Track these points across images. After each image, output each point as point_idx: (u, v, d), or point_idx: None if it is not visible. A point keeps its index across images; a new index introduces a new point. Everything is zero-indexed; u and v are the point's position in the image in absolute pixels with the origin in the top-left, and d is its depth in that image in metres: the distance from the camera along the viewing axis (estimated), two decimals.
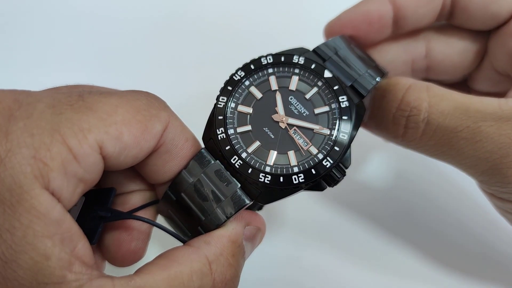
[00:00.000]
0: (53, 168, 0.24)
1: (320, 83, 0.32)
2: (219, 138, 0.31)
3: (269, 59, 0.33)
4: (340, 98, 0.32)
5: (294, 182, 0.30)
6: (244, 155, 0.31)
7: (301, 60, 0.33)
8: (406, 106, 0.32)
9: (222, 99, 0.32)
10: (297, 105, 0.32)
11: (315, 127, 0.31)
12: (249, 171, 0.30)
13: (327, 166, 0.30)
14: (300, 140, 0.31)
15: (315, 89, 0.32)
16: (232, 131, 0.32)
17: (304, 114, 0.32)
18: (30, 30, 0.56)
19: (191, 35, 0.56)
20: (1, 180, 0.23)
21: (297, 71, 0.33)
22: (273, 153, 0.31)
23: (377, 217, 0.45)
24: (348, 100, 0.32)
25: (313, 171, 0.30)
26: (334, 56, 0.33)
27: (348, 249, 0.43)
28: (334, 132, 0.31)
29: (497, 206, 0.35)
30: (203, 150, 0.32)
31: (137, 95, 0.29)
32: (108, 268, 0.33)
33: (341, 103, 0.32)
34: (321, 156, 0.31)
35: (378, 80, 0.33)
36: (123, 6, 0.58)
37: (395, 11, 0.37)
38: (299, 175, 0.30)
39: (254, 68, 0.33)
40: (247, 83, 0.33)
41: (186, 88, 0.49)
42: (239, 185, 0.31)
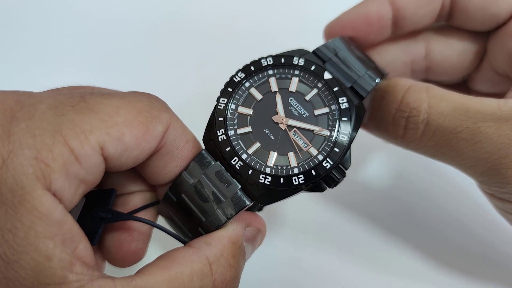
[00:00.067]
0: (55, 169, 0.24)
1: (320, 85, 0.33)
2: (220, 140, 0.31)
3: (269, 60, 0.33)
4: (340, 100, 0.32)
5: (294, 183, 0.30)
6: (244, 156, 0.31)
7: (301, 62, 0.33)
8: (405, 107, 0.32)
9: (223, 100, 0.32)
10: (297, 106, 0.32)
11: (315, 128, 0.32)
12: (250, 172, 0.30)
13: (327, 167, 0.30)
14: (300, 141, 0.31)
15: (315, 91, 0.32)
16: (232, 132, 0.32)
17: (304, 116, 0.32)
18: (30, 30, 0.56)
19: (192, 35, 0.56)
20: (3, 181, 0.23)
21: (297, 72, 0.33)
22: (273, 154, 0.31)
23: (377, 217, 0.45)
24: (348, 101, 0.32)
25: (313, 172, 0.30)
26: (334, 58, 0.33)
27: (349, 250, 0.43)
28: (334, 134, 0.31)
29: (497, 207, 0.35)
30: (203, 151, 0.32)
31: (138, 97, 0.29)
32: (109, 268, 0.33)
33: (341, 104, 0.32)
34: (321, 157, 0.31)
35: (377, 81, 0.33)
36: (124, 7, 0.58)
37: (394, 12, 0.37)
38: (299, 176, 0.30)
39: (254, 70, 0.33)
40: (247, 84, 0.33)
41: (187, 88, 0.49)
42: (240, 186, 0.31)
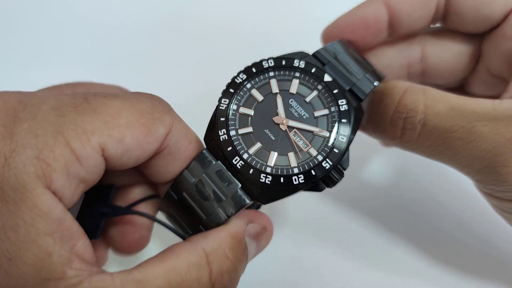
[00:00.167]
0: (56, 169, 0.24)
1: (320, 87, 0.33)
2: (221, 139, 0.32)
3: (271, 62, 0.33)
4: (339, 102, 0.32)
5: (294, 182, 0.31)
6: (245, 156, 0.31)
7: (302, 64, 0.33)
8: (403, 109, 0.33)
9: (224, 101, 0.33)
10: (297, 108, 0.33)
11: (315, 129, 0.32)
12: (250, 172, 0.31)
13: (327, 167, 0.31)
14: (300, 142, 0.32)
15: (315, 93, 0.33)
16: (233, 132, 0.32)
17: (304, 117, 0.32)
18: (30, 30, 0.56)
19: (193, 36, 0.57)
20: (5, 179, 0.24)
21: (297, 74, 0.33)
22: (273, 154, 0.32)
23: (378, 216, 0.45)
24: (347, 103, 0.32)
25: (313, 172, 0.31)
26: (333, 61, 0.34)
27: (349, 248, 0.43)
28: (333, 135, 0.32)
29: (495, 206, 0.35)
30: (204, 151, 0.32)
31: (141, 98, 0.29)
32: (111, 265, 0.34)
33: (341, 106, 0.32)
34: (320, 157, 0.31)
35: (376, 84, 0.34)
36: (125, 7, 0.58)
37: (390, 14, 0.37)
38: (299, 175, 0.31)
39: (255, 71, 0.33)
40: (248, 85, 0.33)
41: (187, 89, 0.49)
42: (240, 185, 0.31)
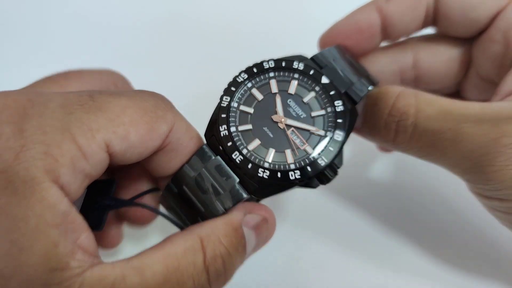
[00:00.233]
0: (63, 164, 0.25)
1: (317, 88, 0.34)
2: (222, 135, 0.32)
3: (271, 63, 0.35)
4: (335, 103, 0.33)
5: (291, 178, 0.32)
6: (244, 151, 0.32)
7: (301, 66, 0.34)
8: (396, 112, 0.34)
9: (226, 98, 0.34)
10: (295, 107, 0.34)
11: (312, 128, 0.33)
12: (249, 166, 0.32)
13: (322, 164, 0.32)
14: (297, 140, 0.33)
15: (312, 94, 0.34)
16: (234, 128, 0.33)
17: (302, 116, 0.33)
18: (30, 30, 0.57)
19: (193, 36, 0.57)
20: (16, 173, 0.24)
21: (296, 76, 0.34)
22: (271, 151, 0.33)
23: (379, 214, 0.45)
24: (343, 104, 0.33)
25: (309, 168, 0.32)
26: (330, 65, 0.35)
27: (349, 249, 0.43)
28: (329, 134, 0.33)
29: (486, 205, 0.36)
30: (204, 146, 0.33)
31: (145, 96, 0.30)
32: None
33: (337, 107, 0.33)
34: (316, 155, 0.32)
35: (370, 88, 0.35)
36: (126, 7, 0.59)
37: (382, 19, 0.38)
38: (295, 171, 0.32)
39: (256, 72, 0.34)
40: (249, 85, 0.34)
41: (187, 88, 0.50)
42: (238, 180, 0.32)
